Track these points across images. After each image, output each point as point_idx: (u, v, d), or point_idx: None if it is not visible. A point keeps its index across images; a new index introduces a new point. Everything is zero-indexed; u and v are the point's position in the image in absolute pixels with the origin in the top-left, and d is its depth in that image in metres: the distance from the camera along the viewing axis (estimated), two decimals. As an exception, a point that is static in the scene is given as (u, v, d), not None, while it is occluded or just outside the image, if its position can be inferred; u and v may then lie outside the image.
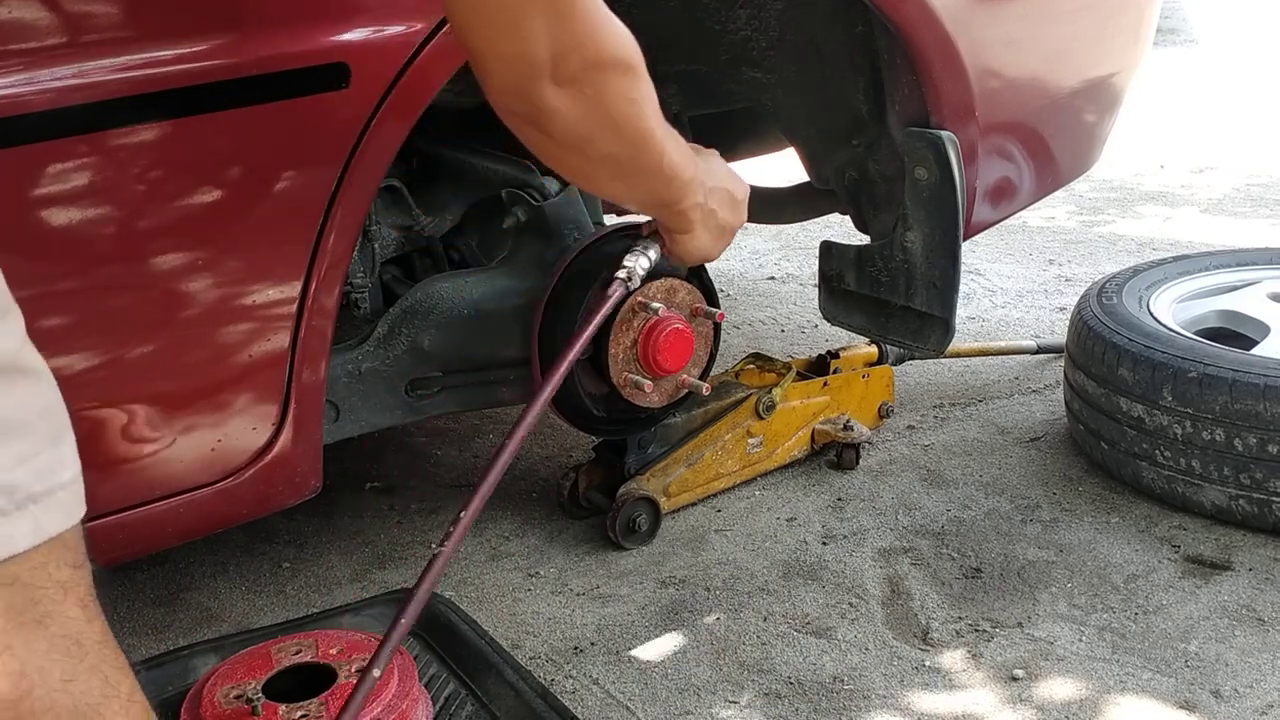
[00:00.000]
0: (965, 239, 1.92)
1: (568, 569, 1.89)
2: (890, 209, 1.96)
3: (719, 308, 1.83)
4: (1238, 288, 2.33)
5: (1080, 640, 1.66)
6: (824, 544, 1.94)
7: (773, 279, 3.38)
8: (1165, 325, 2.09)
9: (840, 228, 2.72)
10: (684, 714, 1.54)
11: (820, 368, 2.25)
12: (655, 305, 1.72)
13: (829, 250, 2.10)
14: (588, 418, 1.83)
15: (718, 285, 1.92)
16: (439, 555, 1.16)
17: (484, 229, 2.00)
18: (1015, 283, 3.26)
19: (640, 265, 1.45)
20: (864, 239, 2.06)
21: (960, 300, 1.93)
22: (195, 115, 1.23)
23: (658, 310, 1.73)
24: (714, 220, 1.42)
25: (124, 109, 1.20)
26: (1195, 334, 2.13)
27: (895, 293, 1.97)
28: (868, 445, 2.23)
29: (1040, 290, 3.20)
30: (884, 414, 2.29)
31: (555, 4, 1.04)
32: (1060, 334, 2.67)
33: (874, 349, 2.32)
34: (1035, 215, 3.86)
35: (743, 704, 1.56)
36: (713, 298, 1.85)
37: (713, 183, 1.39)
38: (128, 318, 1.28)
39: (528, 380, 1.82)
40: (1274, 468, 1.83)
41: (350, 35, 1.31)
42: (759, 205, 2.03)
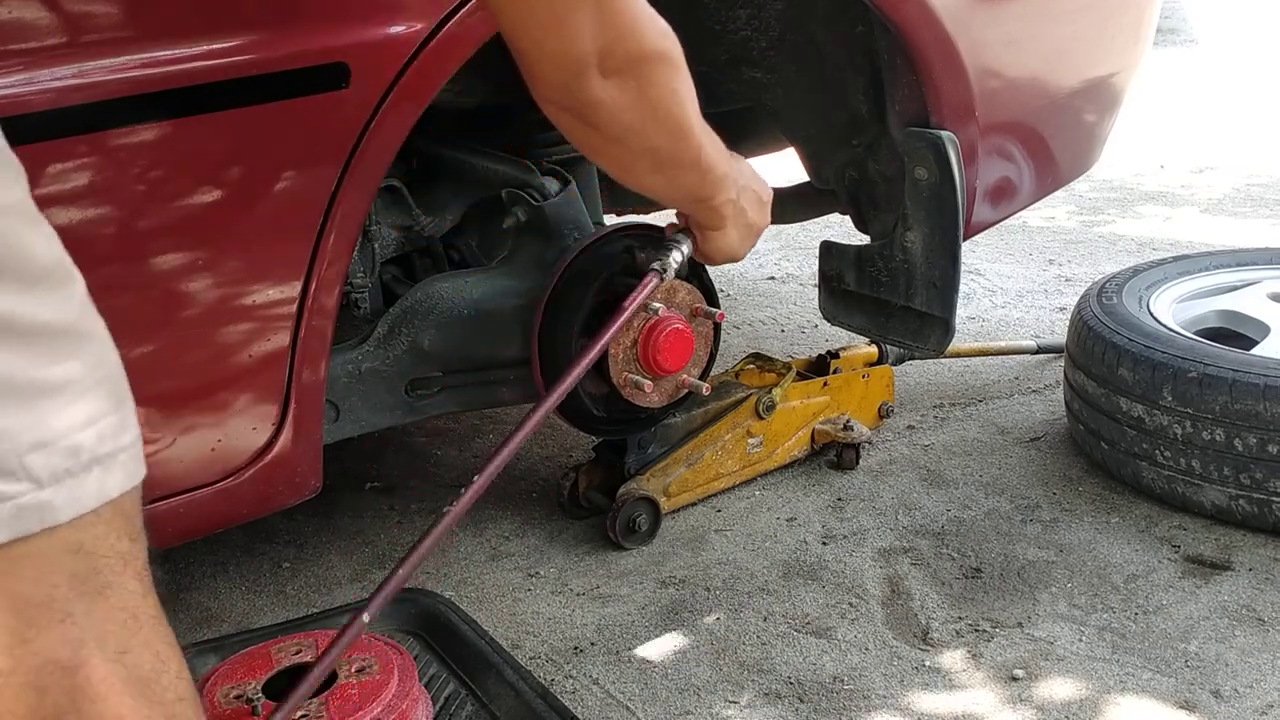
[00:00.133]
0: (965, 239, 1.92)
1: (568, 569, 1.89)
2: (890, 209, 1.96)
3: (719, 308, 1.83)
4: (1238, 288, 2.33)
5: (1080, 640, 1.66)
6: (824, 544, 1.94)
7: (773, 279, 3.38)
8: (1165, 325, 2.09)
9: (840, 228, 2.72)
10: (684, 714, 1.54)
11: (820, 368, 2.25)
12: (655, 305, 1.72)
13: (829, 250, 2.10)
14: (588, 418, 1.83)
15: (718, 285, 1.92)
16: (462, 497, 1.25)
17: (484, 229, 2.00)
18: (1015, 283, 3.26)
19: (674, 258, 1.48)
20: (864, 239, 2.06)
21: (960, 300, 1.93)
22: (195, 115, 1.24)
23: (658, 310, 1.73)
24: (744, 219, 1.45)
25: (124, 109, 1.20)
26: (1195, 334, 2.13)
27: (895, 293, 1.97)
28: (868, 445, 2.23)
29: (1040, 290, 3.20)
30: (884, 414, 2.29)
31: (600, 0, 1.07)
32: (1060, 334, 2.67)
33: (874, 349, 2.32)
34: (1035, 215, 3.86)
35: (743, 704, 1.56)
36: (713, 298, 1.85)
37: (743, 181, 1.42)
38: (128, 317, 1.28)
39: (528, 380, 1.82)
40: (1274, 468, 1.83)
41: (350, 35, 1.31)
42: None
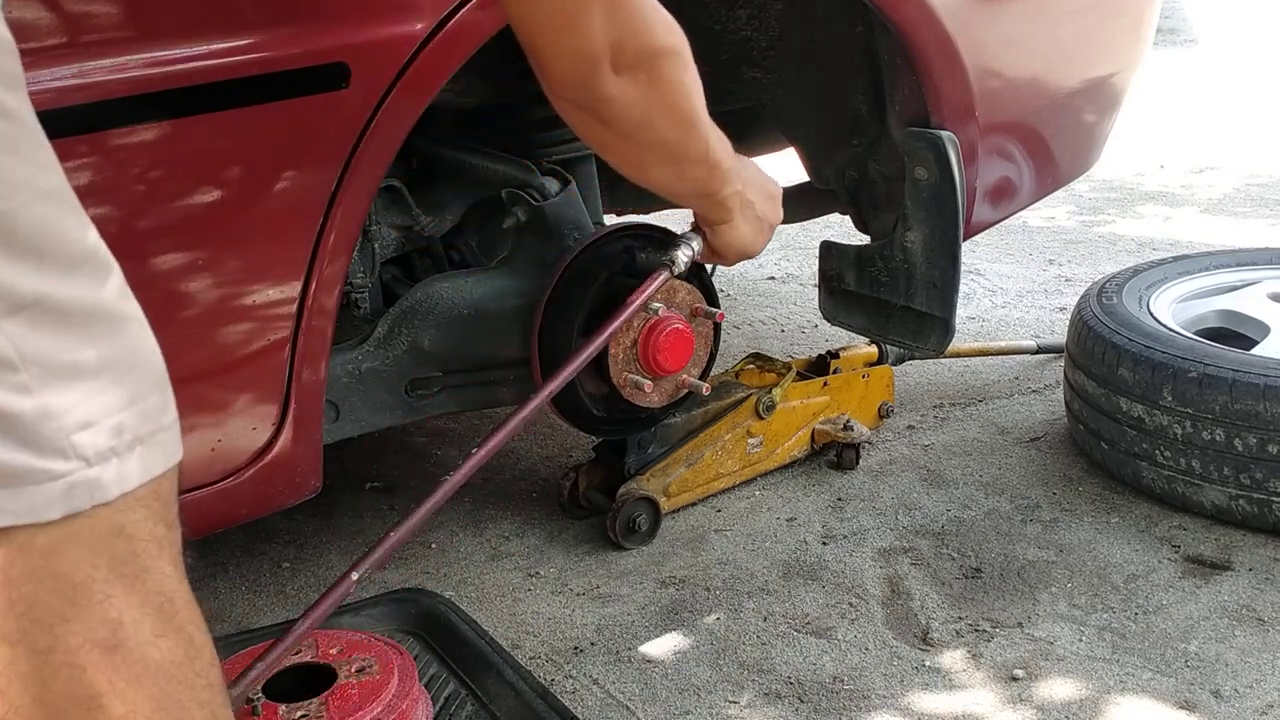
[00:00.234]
0: (965, 239, 1.92)
1: (568, 569, 1.89)
2: (890, 209, 1.96)
3: (719, 308, 1.83)
4: (1238, 288, 2.33)
5: (1080, 640, 1.66)
6: (824, 544, 1.94)
7: (773, 279, 3.38)
8: (1165, 325, 2.09)
9: (840, 228, 2.72)
10: (684, 714, 1.54)
11: (820, 368, 2.25)
12: (655, 305, 1.72)
13: (829, 250, 2.10)
14: (588, 418, 1.83)
15: (718, 285, 1.92)
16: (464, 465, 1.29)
17: (484, 229, 2.00)
18: (1015, 283, 3.26)
19: (684, 254, 1.51)
20: (864, 239, 2.06)
21: (960, 300, 1.93)
22: (195, 115, 1.24)
23: (658, 310, 1.73)
24: (752, 212, 1.46)
25: (124, 109, 1.20)
26: (1195, 334, 2.13)
27: (895, 293, 1.97)
28: (868, 445, 2.23)
29: (1040, 290, 3.20)
30: (884, 414, 2.29)
31: None
32: (1060, 334, 2.67)
33: (874, 349, 2.32)
34: (1035, 215, 3.86)
35: (743, 704, 1.56)
36: (713, 298, 1.85)
37: (749, 175, 1.44)
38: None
39: (528, 380, 1.82)
40: (1274, 468, 1.83)
41: (350, 35, 1.31)
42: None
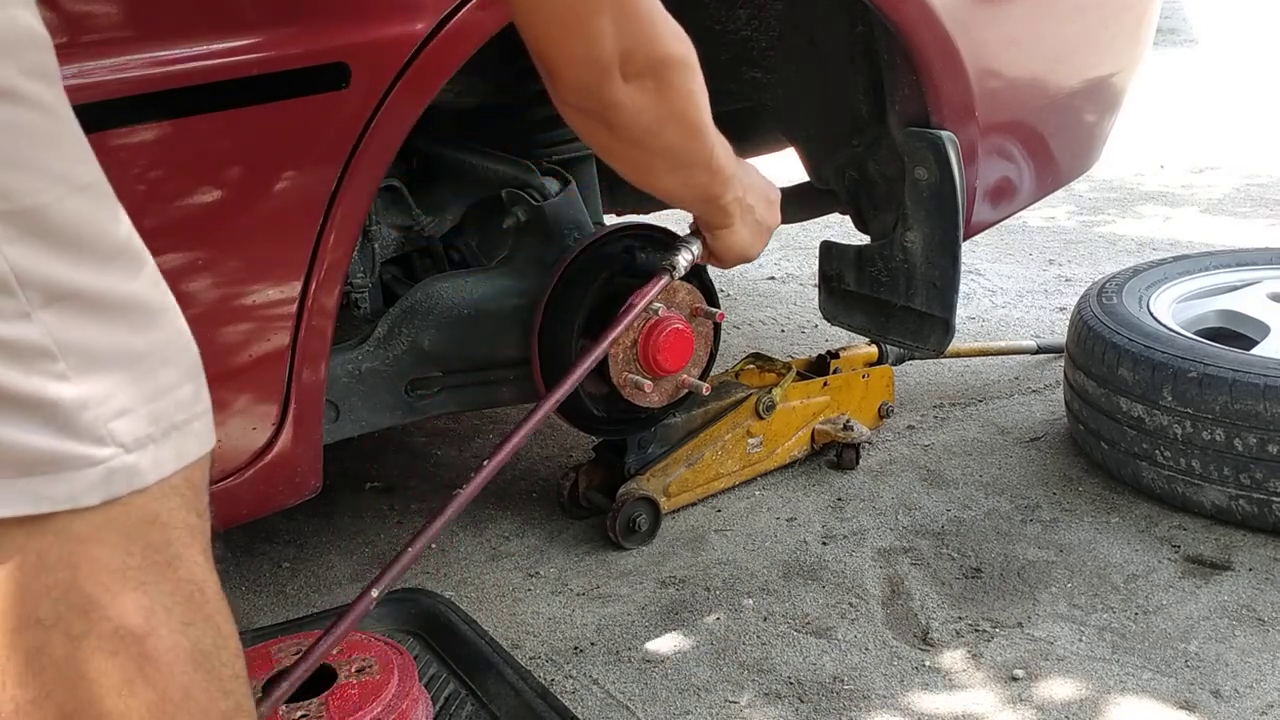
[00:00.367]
0: (965, 239, 1.92)
1: (568, 569, 1.89)
2: (890, 209, 1.96)
3: (719, 308, 1.83)
4: (1238, 288, 2.33)
5: (1080, 640, 1.66)
6: (824, 544, 1.94)
7: (773, 279, 3.38)
8: (1165, 325, 2.09)
9: (840, 228, 2.72)
10: (684, 714, 1.54)
11: (820, 368, 2.25)
12: (655, 305, 1.72)
13: (829, 250, 2.10)
14: (588, 418, 1.83)
15: (718, 285, 1.92)
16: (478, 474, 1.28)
17: (484, 229, 2.00)
18: (1015, 283, 3.26)
19: (684, 258, 1.53)
20: (864, 239, 2.06)
21: (960, 300, 1.93)
22: (195, 115, 1.24)
23: (658, 310, 1.73)
24: (751, 216, 1.48)
25: (124, 109, 1.20)
26: (1195, 334, 2.13)
27: (895, 293, 1.97)
28: (868, 445, 2.23)
29: (1040, 290, 3.20)
30: (884, 414, 2.29)
31: (621, 5, 1.09)
32: (1060, 334, 2.67)
33: (874, 349, 2.32)
34: (1035, 215, 3.87)
35: (743, 704, 1.56)
36: (713, 298, 1.85)
37: (749, 181, 1.45)
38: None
39: (528, 380, 1.82)
40: (1274, 468, 1.83)
41: (350, 35, 1.30)
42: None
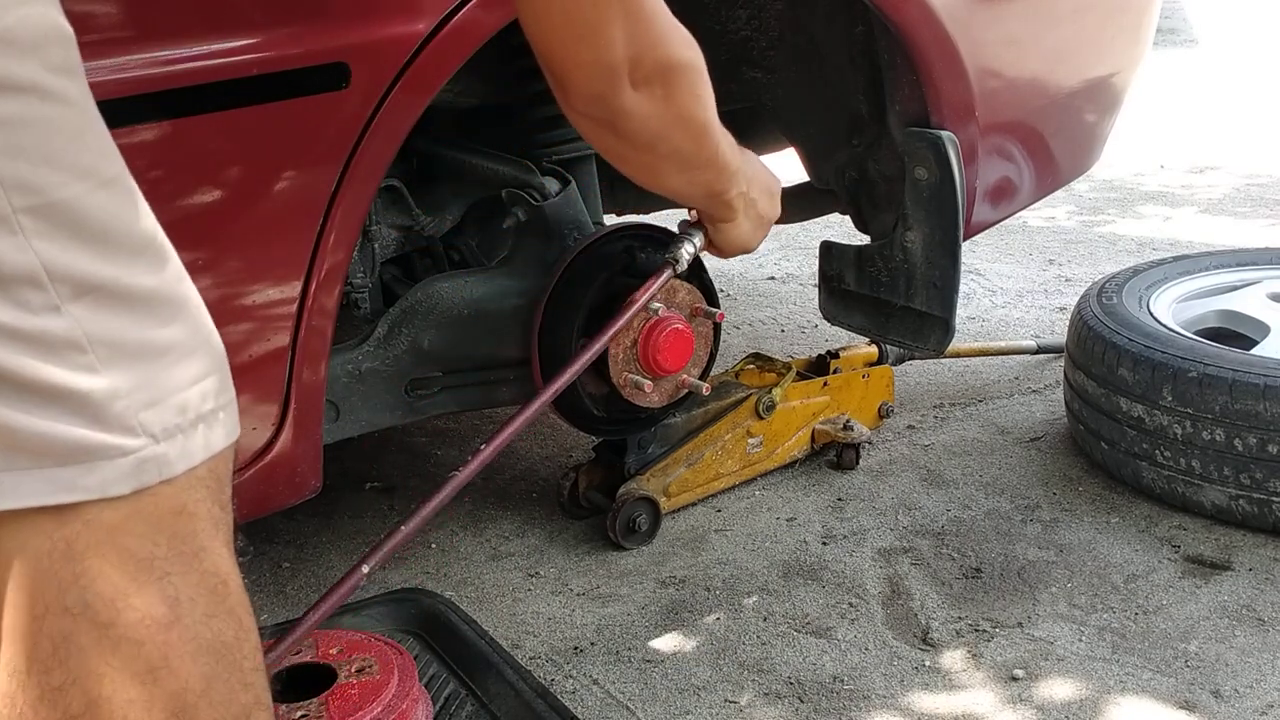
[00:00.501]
0: (965, 239, 1.92)
1: (568, 569, 1.89)
2: (890, 209, 1.96)
3: (719, 308, 1.83)
4: (1238, 288, 2.33)
5: (1080, 640, 1.66)
6: (824, 544, 1.94)
7: (773, 279, 3.38)
8: (1165, 325, 2.09)
9: (840, 228, 2.72)
10: (684, 714, 1.54)
11: (820, 368, 2.25)
12: (655, 305, 1.72)
13: (829, 250, 2.10)
14: (588, 418, 1.83)
15: (718, 285, 1.92)
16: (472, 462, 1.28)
17: (484, 229, 2.00)
18: (1015, 283, 3.26)
19: (686, 251, 1.52)
20: (864, 239, 2.06)
21: (960, 300, 1.93)
22: (195, 116, 1.24)
23: (658, 310, 1.73)
24: (754, 210, 1.48)
25: (124, 109, 1.19)
26: (1195, 334, 2.13)
27: (895, 293, 1.97)
28: (868, 445, 2.23)
29: (1040, 290, 3.20)
30: (884, 414, 2.29)
31: (630, 11, 1.09)
32: (1060, 334, 2.67)
33: (874, 349, 2.32)
34: (1035, 215, 3.86)
35: (743, 704, 1.56)
36: (713, 298, 1.85)
37: (752, 173, 1.45)
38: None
39: (528, 380, 1.82)
40: (1274, 468, 1.83)
41: (350, 35, 1.31)
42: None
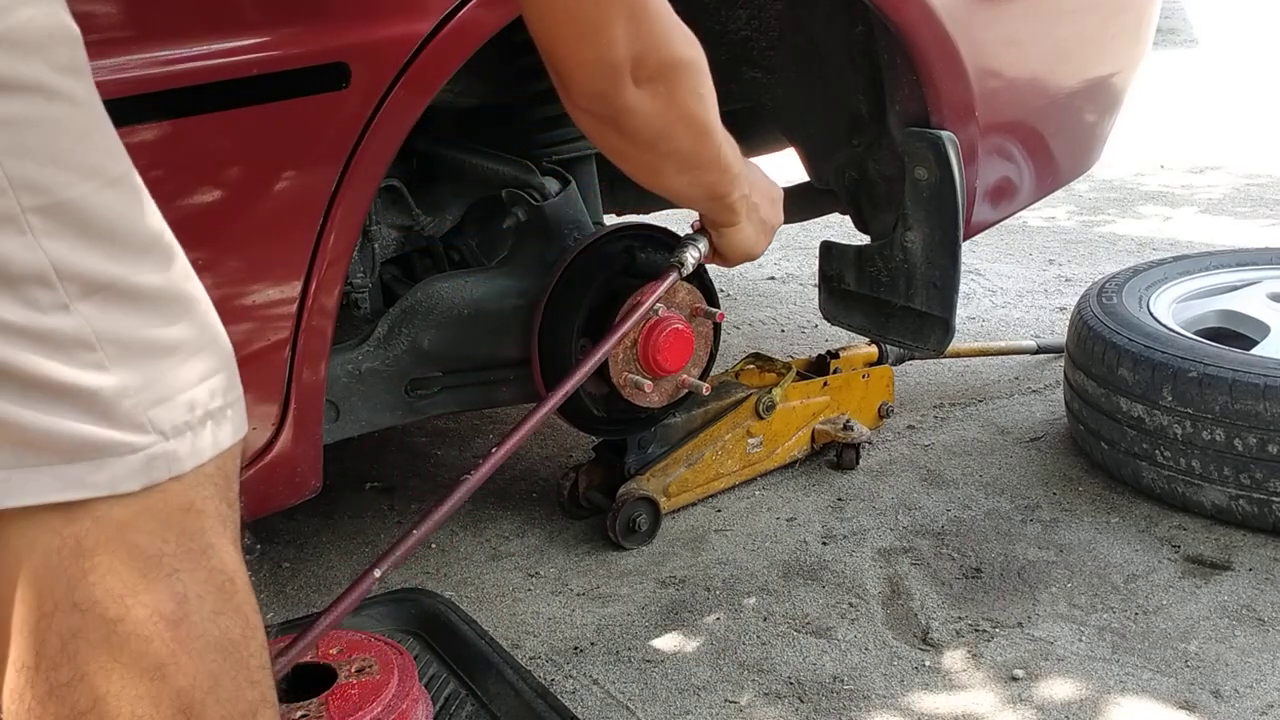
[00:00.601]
0: (965, 239, 1.92)
1: (568, 569, 1.89)
2: (890, 209, 1.96)
3: (719, 308, 1.83)
4: (1238, 288, 2.33)
5: (1080, 640, 1.66)
6: (824, 544, 1.94)
7: (773, 279, 3.38)
8: (1165, 325, 2.09)
9: (840, 228, 2.72)
10: (684, 714, 1.54)
11: (820, 368, 2.25)
12: (655, 305, 1.72)
13: (829, 250, 2.10)
14: (588, 418, 1.83)
15: (718, 285, 1.92)
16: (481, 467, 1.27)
17: (484, 229, 2.00)
18: (1015, 283, 3.26)
19: (691, 255, 1.53)
20: (864, 239, 2.06)
21: (960, 300, 1.93)
22: (195, 115, 1.23)
23: (658, 310, 1.73)
24: (757, 215, 1.48)
25: (124, 109, 1.19)
26: (1195, 334, 2.13)
27: (895, 293, 1.97)
28: (868, 445, 2.23)
29: (1040, 290, 3.20)
30: (884, 414, 2.29)
31: (633, 10, 1.09)
32: (1060, 334, 2.67)
33: (874, 349, 2.32)
34: (1035, 215, 3.87)
35: (743, 704, 1.56)
36: (713, 298, 1.85)
37: (754, 178, 1.46)
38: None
39: (528, 380, 1.82)
40: (1274, 468, 1.83)
41: (350, 35, 1.30)
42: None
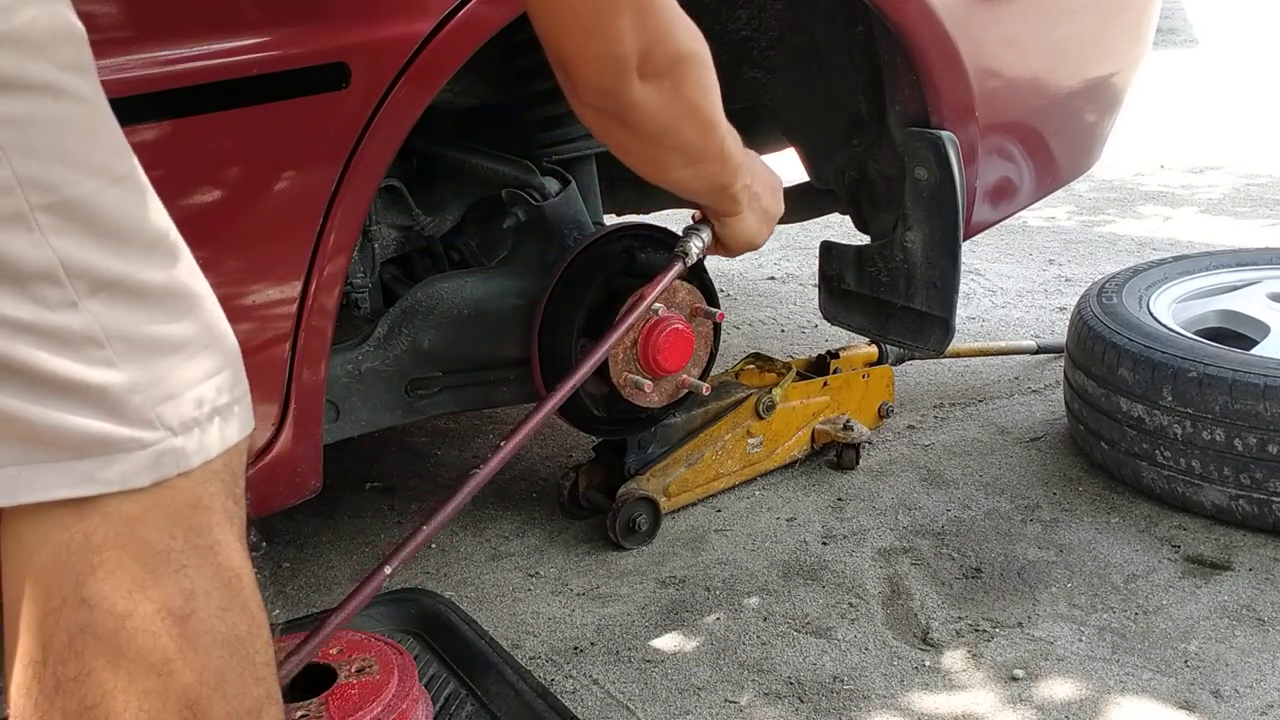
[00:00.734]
0: (965, 239, 1.92)
1: (568, 569, 1.89)
2: (890, 209, 1.96)
3: (719, 308, 1.83)
4: (1238, 288, 2.33)
5: (1080, 640, 1.66)
6: (824, 544, 1.94)
7: (773, 279, 3.38)
8: (1165, 325, 2.09)
9: (840, 228, 2.72)
10: (684, 714, 1.54)
11: (820, 368, 2.25)
12: (655, 305, 1.72)
13: (829, 250, 2.10)
14: (588, 418, 1.83)
15: (718, 285, 1.92)
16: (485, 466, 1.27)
17: (484, 229, 2.00)
18: (1015, 283, 3.26)
19: (695, 245, 1.53)
20: (864, 239, 2.06)
21: (960, 300, 1.93)
22: (195, 115, 1.23)
23: (658, 310, 1.73)
24: (758, 204, 1.49)
25: (124, 109, 1.19)
26: (1195, 334, 2.13)
27: (895, 293, 1.97)
28: (868, 445, 2.23)
29: (1040, 290, 3.20)
30: (884, 414, 2.29)
31: (640, 4, 1.10)
32: (1060, 334, 2.67)
33: (874, 349, 2.32)
34: (1035, 215, 3.87)
35: (743, 704, 1.56)
36: (713, 298, 1.85)
37: (755, 168, 1.46)
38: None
39: (528, 380, 1.82)
40: (1274, 468, 1.83)
41: (350, 35, 1.30)
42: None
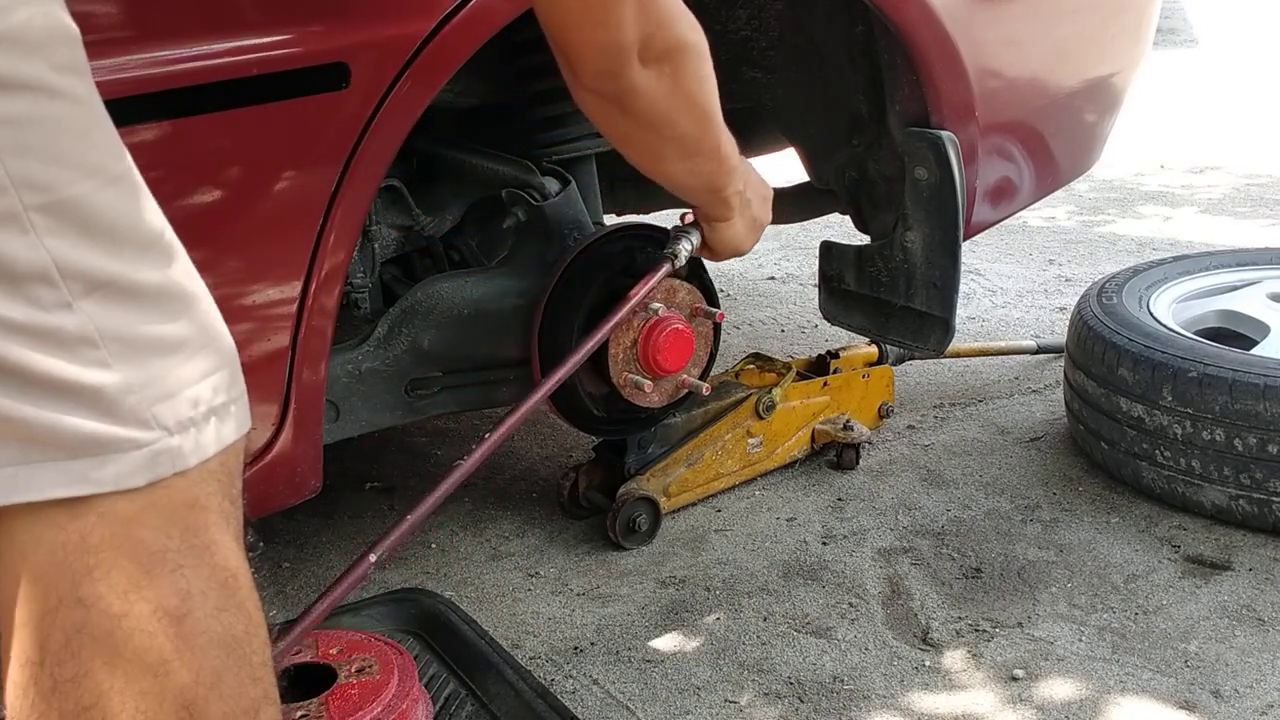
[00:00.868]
0: (965, 239, 1.92)
1: (568, 569, 1.89)
2: (890, 209, 1.96)
3: (719, 308, 1.83)
4: (1238, 288, 2.33)
5: (1080, 640, 1.66)
6: (824, 544, 1.94)
7: (773, 279, 3.38)
8: (1165, 325, 2.09)
9: (840, 228, 2.72)
10: (684, 714, 1.54)
11: (820, 368, 2.25)
12: (655, 305, 1.72)
13: (829, 250, 2.10)
14: (588, 418, 1.83)
15: (718, 285, 1.92)
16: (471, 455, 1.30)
17: (484, 229, 2.00)
18: (1015, 283, 3.26)
19: (684, 246, 1.56)
20: (864, 239, 2.06)
21: (960, 300, 1.94)
22: (195, 115, 1.23)
23: (658, 310, 1.73)
24: (749, 211, 1.51)
25: (124, 109, 1.19)
26: (1195, 334, 2.13)
27: (895, 293, 1.97)
28: (868, 445, 2.23)
29: (1040, 290, 3.20)
30: (884, 414, 2.29)
31: None
32: (1060, 334, 2.67)
33: (874, 349, 2.32)
34: (1035, 215, 3.87)
35: (743, 704, 1.56)
36: (713, 298, 1.85)
37: (748, 175, 1.49)
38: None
39: (528, 380, 1.82)
40: (1274, 468, 1.83)
41: (350, 35, 1.31)
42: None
